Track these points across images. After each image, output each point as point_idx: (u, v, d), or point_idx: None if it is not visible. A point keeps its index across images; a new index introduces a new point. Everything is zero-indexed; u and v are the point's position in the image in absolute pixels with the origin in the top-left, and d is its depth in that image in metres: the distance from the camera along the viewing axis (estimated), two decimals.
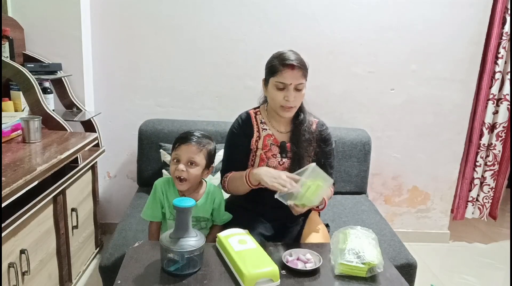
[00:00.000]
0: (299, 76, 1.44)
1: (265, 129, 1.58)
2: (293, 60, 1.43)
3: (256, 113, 1.62)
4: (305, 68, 1.47)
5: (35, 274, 1.57)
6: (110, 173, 2.52)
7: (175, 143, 1.44)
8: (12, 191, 1.27)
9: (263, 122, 1.59)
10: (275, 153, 1.56)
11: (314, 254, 1.29)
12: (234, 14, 2.31)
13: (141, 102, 2.41)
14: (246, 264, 1.15)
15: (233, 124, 1.63)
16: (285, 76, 1.43)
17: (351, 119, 2.51)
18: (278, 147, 1.56)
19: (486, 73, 2.48)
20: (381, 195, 2.68)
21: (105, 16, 2.27)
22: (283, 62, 1.43)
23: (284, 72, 1.43)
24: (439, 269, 2.42)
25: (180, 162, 1.40)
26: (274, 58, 1.48)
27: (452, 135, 2.59)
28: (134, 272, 1.18)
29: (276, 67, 1.45)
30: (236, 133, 1.60)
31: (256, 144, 1.57)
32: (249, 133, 1.58)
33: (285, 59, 1.44)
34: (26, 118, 1.74)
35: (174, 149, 1.43)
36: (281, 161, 1.56)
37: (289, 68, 1.42)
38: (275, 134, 1.58)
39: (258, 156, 1.57)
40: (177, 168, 1.39)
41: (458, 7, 2.36)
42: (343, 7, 2.33)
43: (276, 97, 1.47)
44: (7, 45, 1.94)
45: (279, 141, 1.57)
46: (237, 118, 1.63)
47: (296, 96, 1.46)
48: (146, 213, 1.50)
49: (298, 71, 1.43)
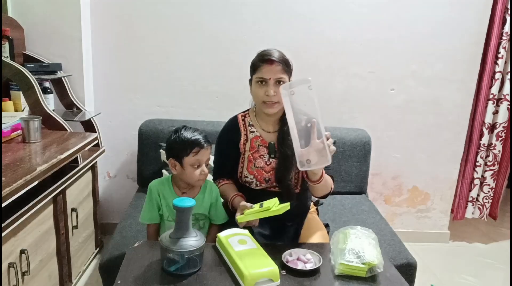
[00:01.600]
0: (277, 71, 1.45)
1: (252, 132, 1.59)
2: (272, 55, 1.46)
3: (245, 116, 1.63)
4: (286, 64, 1.48)
5: (35, 274, 1.57)
6: (110, 173, 2.52)
7: (190, 149, 1.39)
8: (12, 191, 1.27)
9: (251, 125, 1.60)
10: (263, 154, 1.56)
11: (314, 254, 1.29)
12: (234, 14, 2.31)
13: (141, 102, 2.41)
14: (246, 264, 1.15)
15: (222, 129, 1.67)
16: (264, 71, 1.46)
17: (351, 119, 2.51)
18: (266, 148, 1.57)
19: (486, 73, 2.48)
20: (381, 195, 2.68)
21: (105, 16, 2.27)
22: (261, 58, 1.47)
23: (262, 67, 1.46)
24: (439, 269, 2.42)
25: (201, 165, 1.42)
26: (256, 56, 1.52)
27: (452, 135, 2.59)
28: (134, 272, 1.18)
29: (256, 64, 1.49)
30: (221, 139, 1.65)
31: (244, 146, 1.58)
32: (235, 137, 1.59)
33: (264, 55, 1.48)
34: (26, 118, 1.74)
35: (191, 155, 1.39)
36: (268, 161, 1.56)
37: (267, 63, 1.45)
38: (263, 135, 1.58)
39: (246, 158, 1.58)
40: (203, 171, 1.42)
41: (458, 7, 2.36)
42: (343, 7, 2.33)
43: (258, 93, 1.49)
44: (7, 45, 1.94)
45: (267, 142, 1.57)
46: (227, 122, 1.66)
47: (277, 91, 1.45)
48: (144, 217, 1.50)
49: (276, 65, 1.45)
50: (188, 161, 1.40)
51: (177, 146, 1.41)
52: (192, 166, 1.41)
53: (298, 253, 1.29)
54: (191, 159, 1.40)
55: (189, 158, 1.40)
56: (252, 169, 1.57)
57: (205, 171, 1.43)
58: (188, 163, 1.40)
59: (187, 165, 1.41)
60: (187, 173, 1.42)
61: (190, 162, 1.40)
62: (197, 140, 1.40)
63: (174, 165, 1.44)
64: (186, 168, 1.41)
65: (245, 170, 1.59)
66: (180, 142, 1.40)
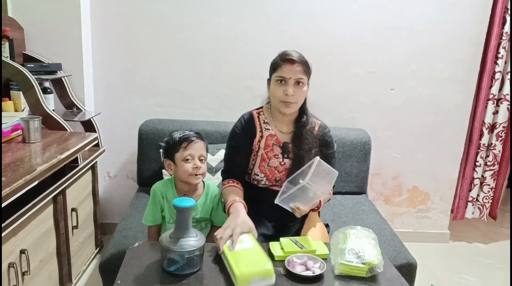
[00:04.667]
0: (298, 71, 1.46)
1: (267, 129, 1.59)
2: (293, 55, 1.47)
3: (259, 113, 1.62)
4: (306, 65, 1.49)
5: (35, 274, 1.57)
6: (110, 173, 2.52)
7: (179, 144, 1.43)
8: (12, 191, 1.27)
9: (266, 122, 1.60)
10: (277, 154, 1.57)
11: (317, 259, 1.26)
12: (234, 14, 2.31)
13: (141, 102, 2.41)
14: (239, 264, 1.15)
15: (236, 125, 1.63)
16: (285, 70, 1.47)
17: (351, 119, 2.51)
18: (280, 147, 1.57)
19: (486, 73, 2.48)
20: (381, 195, 2.68)
21: (105, 16, 2.26)
22: (283, 57, 1.49)
23: (283, 67, 1.47)
24: (439, 269, 2.42)
25: (193, 159, 1.43)
26: (277, 56, 1.53)
27: (452, 135, 2.59)
28: (134, 272, 1.18)
29: (277, 63, 1.50)
30: (238, 134, 1.60)
31: (259, 144, 1.57)
32: (251, 134, 1.58)
33: (286, 55, 1.49)
34: (26, 118, 1.74)
35: (181, 150, 1.43)
36: (283, 161, 1.56)
37: (288, 63, 1.47)
38: (277, 134, 1.58)
39: (260, 156, 1.57)
40: (195, 165, 1.42)
41: (458, 7, 2.36)
42: (343, 7, 2.33)
43: (276, 92, 1.49)
44: (7, 45, 1.94)
45: (281, 142, 1.57)
46: (240, 118, 1.63)
47: (296, 92, 1.47)
48: (147, 219, 1.50)
49: (297, 66, 1.46)
50: (180, 157, 1.43)
51: (169, 146, 1.45)
52: (183, 161, 1.42)
53: (301, 257, 1.27)
54: (182, 154, 1.42)
55: (180, 153, 1.43)
56: (265, 168, 1.57)
57: (198, 165, 1.42)
58: (180, 159, 1.43)
59: (179, 161, 1.43)
60: (180, 169, 1.43)
61: (182, 157, 1.42)
62: (185, 135, 1.43)
63: (169, 165, 1.46)
64: (178, 165, 1.43)
65: (257, 168, 1.58)
66: (171, 142, 1.45)
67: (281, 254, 1.28)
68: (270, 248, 1.31)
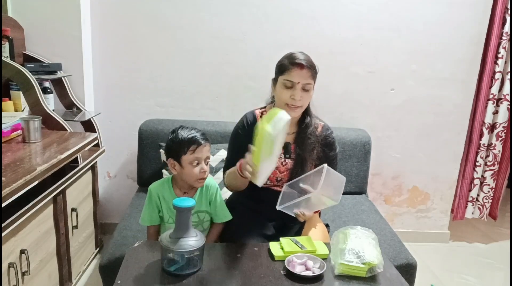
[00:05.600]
0: (307, 76, 1.45)
1: None
2: (303, 59, 1.45)
3: (262, 113, 1.62)
4: (314, 70, 1.48)
5: (35, 274, 1.57)
6: (110, 173, 2.52)
7: (187, 147, 1.39)
8: (12, 191, 1.27)
9: None
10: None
11: (317, 259, 1.27)
12: (234, 14, 2.31)
13: (141, 102, 2.41)
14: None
15: (238, 125, 1.62)
16: (293, 75, 1.45)
17: (351, 119, 2.51)
18: (282, 148, 1.57)
19: (486, 73, 2.48)
20: (381, 195, 2.68)
21: (105, 16, 2.27)
22: (292, 61, 1.46)
23: (292, 71, 1.45)
24: (439, 269, 2.42)
25: (200, 163, 1.41)
26: (285, 58, 1.50)
27: (452, 135, 2.59)
28: (134, 272, 1.18)
29: (285, 66, 1.47)
30: (241, 134, 1.60)
31: None
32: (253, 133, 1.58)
33: (295, 58, 1.46)
34: (26, 118, 1.74)
35: (189, 153, 1.39)
36: (284, 161, 1.56)
37: (298, 67, 1.44)
38: None
39: None
40: (203, 169, 1.41)
41: (458, 7, 2.36)
42: (343, 7, 2.33)
43: (283, 95, 1.48)
44: (7, 45, 1.94)
45: (284, 142, 1.57)
46: (243, 118, 1.63)
47: (303, 96, 1.46)
48: (144, 219, 1.50)
49: (306, 71, 1.45)
50: (187, 160, 1.40)
51: (175, 145, 1.40)
52: (190, 164, 1.40)
53: (301, 257, 1.27)
54: (189, 157, 1.39)
55: (187, 156, 1.39)
56: None
57: (205, 169, 1.42)
58: (187, 162, 1.40)
59: (185, 164, 1.40)
60: (186, 172, 1.41)
61: (189, 160, 1.39)
62: (194, 138, 1.40)
63: (174, 165, 1.43)
64: (185, 167, 1.41)
65: None
66: (177, 141, 1.40)
67: (281, 254, 1.29)
68: (270, 248, 1.32)
